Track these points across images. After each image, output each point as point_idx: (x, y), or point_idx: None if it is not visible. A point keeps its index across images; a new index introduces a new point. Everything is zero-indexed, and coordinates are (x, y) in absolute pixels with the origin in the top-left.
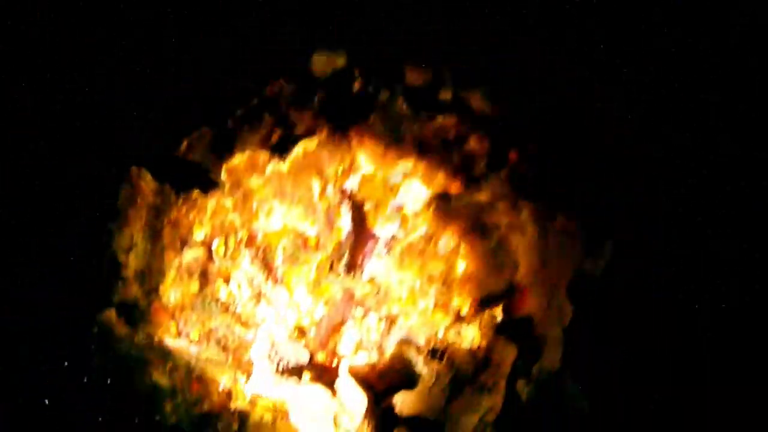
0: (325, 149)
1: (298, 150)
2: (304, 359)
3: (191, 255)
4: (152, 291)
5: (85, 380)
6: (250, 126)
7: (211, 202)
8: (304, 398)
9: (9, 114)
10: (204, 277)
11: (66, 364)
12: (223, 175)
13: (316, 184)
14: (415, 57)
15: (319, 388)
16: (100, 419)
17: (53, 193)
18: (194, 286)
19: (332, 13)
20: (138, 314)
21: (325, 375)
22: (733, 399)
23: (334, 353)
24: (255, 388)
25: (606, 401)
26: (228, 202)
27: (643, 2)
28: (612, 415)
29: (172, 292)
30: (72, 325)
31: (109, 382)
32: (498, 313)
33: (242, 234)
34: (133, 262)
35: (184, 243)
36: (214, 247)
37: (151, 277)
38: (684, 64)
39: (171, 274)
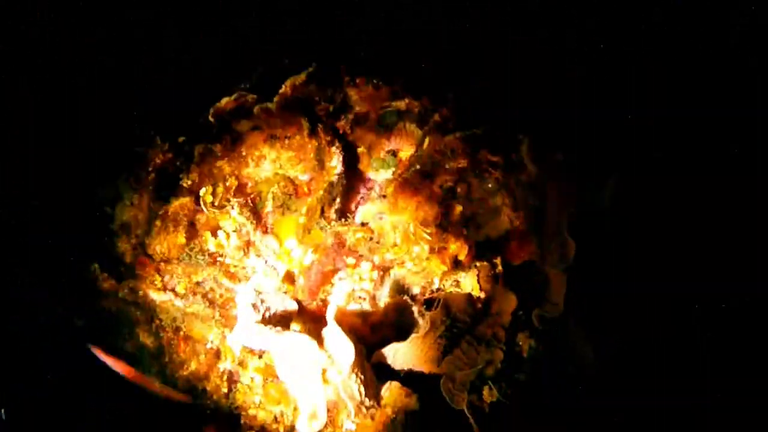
0: (314, 86)
1: (286, 87)
2: (291, 309)
3: (177, 204)
4: (138, 244)
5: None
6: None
7: (198, 147)
8: (291, 350)
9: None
10: (191, 228)
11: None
12: (210, 118)
13: (305, 123)
14: None
15: (307, 339)
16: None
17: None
18: (181, 237)
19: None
20: (123, 268)
21: (314, 326)
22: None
23: (324, 303)
24: (238, 339)
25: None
26: (216, 147)
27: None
28: (618, 365)
29: (157, 244)
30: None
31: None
32: (497, 259)
33: (230, 181)
34: (119, 214)
35: (171, 191)
36: (201, 195)
37: (137, 228)
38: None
39: (157, 225)
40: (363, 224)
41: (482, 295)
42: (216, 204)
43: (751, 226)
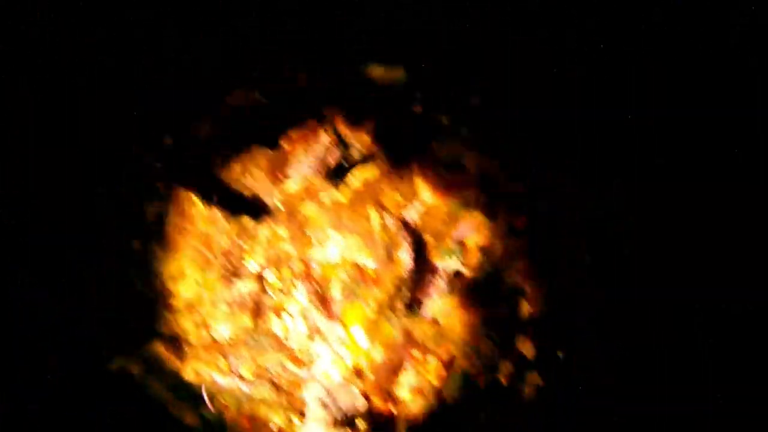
0: (384, 178)
1: (357, 179)
2: (360, 405)
3: (244, 287)
4: (202, 324)
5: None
6: (305, 147)
7: (264, 230)
8: None
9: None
10: (257, 310)
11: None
12: (278, 202)
13: (374, 214)
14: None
15: None
16: None
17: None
18: (247, 320)
19: (390, 26)
20: (187, 348)
21: (383, 424)
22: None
23: (391, 398)
24: None
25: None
26: (283, 231)
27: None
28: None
29: (222, 326)
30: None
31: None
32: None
33: (297, 265)
34: (182, 292)
35: (236, 273)
36: (267, 279)
37: (201, 308)
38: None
39: (222, 307)
40: (433, 319)
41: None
42: (282, 288)
43: (754, 230)
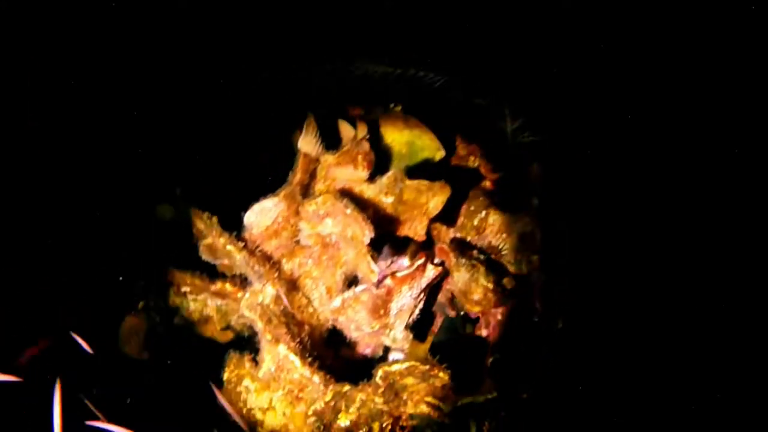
0: None
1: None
2: None
3: None
4: None
5: None
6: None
7: (361, 395)
8: None
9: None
10: None
11: None
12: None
13: None
14: None
15: None
16: None
17: None
18: None
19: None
20: None
21: None
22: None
23: None
24: None
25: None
26: (378, 398)
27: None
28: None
29: None
30: None
31: None
32: None
33: (386, 421)
34: (268, 422)
35: (328, 428)
36: None
37: None
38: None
39: None
40: None
41: None
42: None
43: (752, 227)
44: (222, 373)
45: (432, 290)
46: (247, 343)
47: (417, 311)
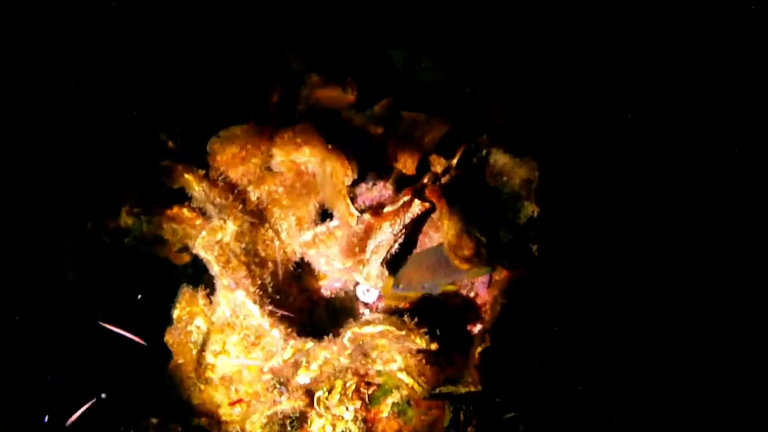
0: None
1: None
2: None
3: (289, 404)
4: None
5: None
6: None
7: (325, 352)
8: None
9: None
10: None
11: None
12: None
13: None
14: None
15: None
16: None
17: None
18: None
19: None
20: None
21: None
22: None
23: None
24: None
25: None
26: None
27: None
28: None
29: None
30: None
31: None
32: None
33: (351, 381)
34: (220, 366)
35: (284, 384)
36: (317, 396)
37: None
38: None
39: (262, 419)
40: None
41: None
42: (329, 404)
43: (752, 227)
44: (172, 309)
45: (415, 225)
46: (204, 270)
47: (396, 246)
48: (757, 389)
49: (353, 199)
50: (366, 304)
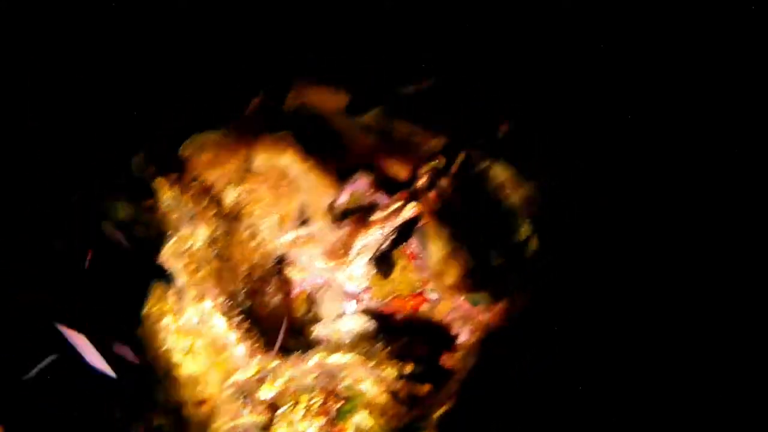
0: None
1: None
2: None
3: (251, 418)
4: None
5: None
6: None
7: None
8: None
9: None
10: None
11: None
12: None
13: None
14: None
15: None
16: None
17: None
18: None
19: None
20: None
21: None
22: None
23: None
24: None
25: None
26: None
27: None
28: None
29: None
30: None
31: None
32: None
33: (317, 399)
34: (187, 365)
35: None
36: (280, 411)
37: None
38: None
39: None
40: None
41: None
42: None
43: (752, 227)
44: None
45: (405, 227)
46: None
47: (386, 245)
48: (759, 390)
49: (339, 211)
50: (351, 295)
